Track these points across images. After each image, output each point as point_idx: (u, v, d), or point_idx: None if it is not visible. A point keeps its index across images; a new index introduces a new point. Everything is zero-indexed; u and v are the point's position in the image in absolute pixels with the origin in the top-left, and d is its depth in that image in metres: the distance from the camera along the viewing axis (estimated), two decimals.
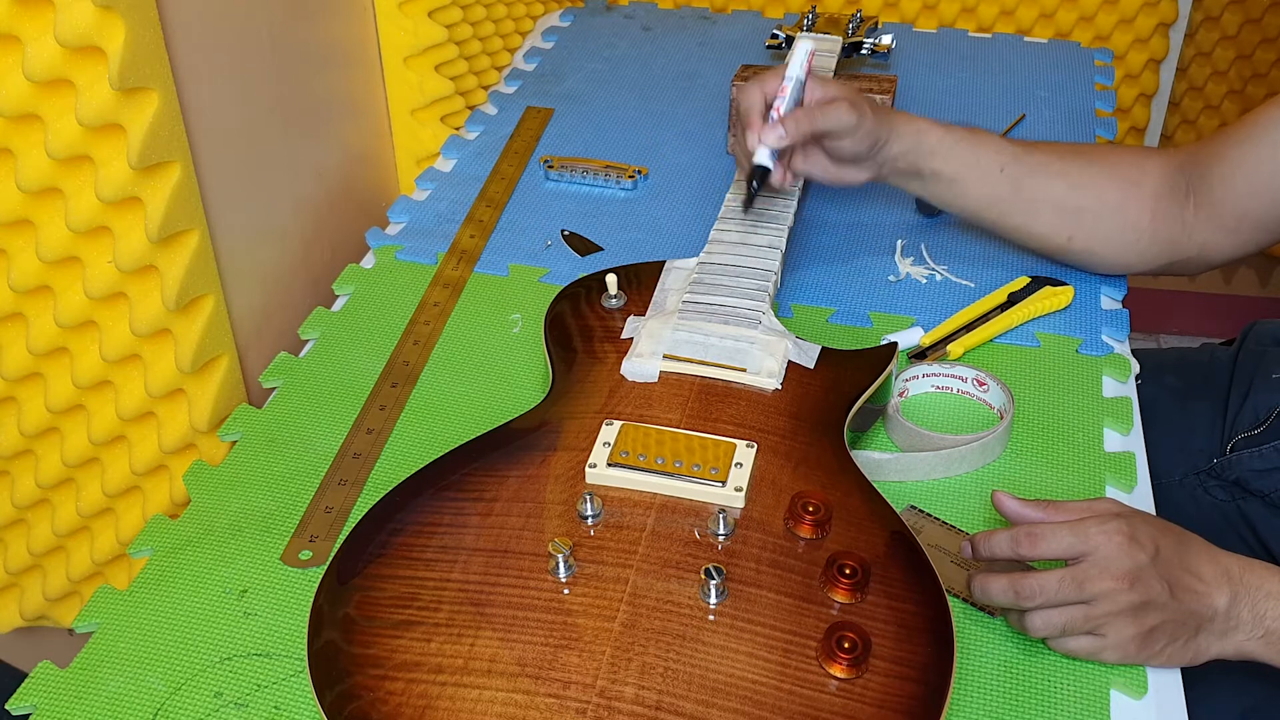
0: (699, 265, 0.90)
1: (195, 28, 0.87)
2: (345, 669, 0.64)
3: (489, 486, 0.74)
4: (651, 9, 1.52)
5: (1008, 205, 0.96)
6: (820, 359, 0.83)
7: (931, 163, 0.94)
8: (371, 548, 0.70)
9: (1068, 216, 0.95)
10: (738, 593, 0.67)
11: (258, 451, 0.86)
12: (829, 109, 0.90)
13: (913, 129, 0.94)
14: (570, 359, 0.85)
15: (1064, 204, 0.95)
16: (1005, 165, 0.94)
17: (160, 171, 0.82)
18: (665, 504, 0.72)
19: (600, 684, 0.62)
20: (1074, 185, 0.94)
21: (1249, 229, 0.91)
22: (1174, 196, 0.93)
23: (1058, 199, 0.95)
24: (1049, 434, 0.86)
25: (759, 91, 0.91)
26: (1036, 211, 0.96)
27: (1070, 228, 0.96)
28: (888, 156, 0.94)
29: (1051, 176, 0.95)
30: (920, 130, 0.94)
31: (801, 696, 0.62)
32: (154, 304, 0.85)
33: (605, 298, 0.90)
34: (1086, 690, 0.69)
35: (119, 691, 0.69)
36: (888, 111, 0.94)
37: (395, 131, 1.24)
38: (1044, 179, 0.95)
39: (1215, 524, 0.98)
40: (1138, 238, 0.95)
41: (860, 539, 0.70)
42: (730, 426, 0.77)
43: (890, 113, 0.94)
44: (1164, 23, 1.56)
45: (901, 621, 0.65)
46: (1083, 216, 0.95)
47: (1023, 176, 0.95)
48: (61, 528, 0.90)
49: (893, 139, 0.93)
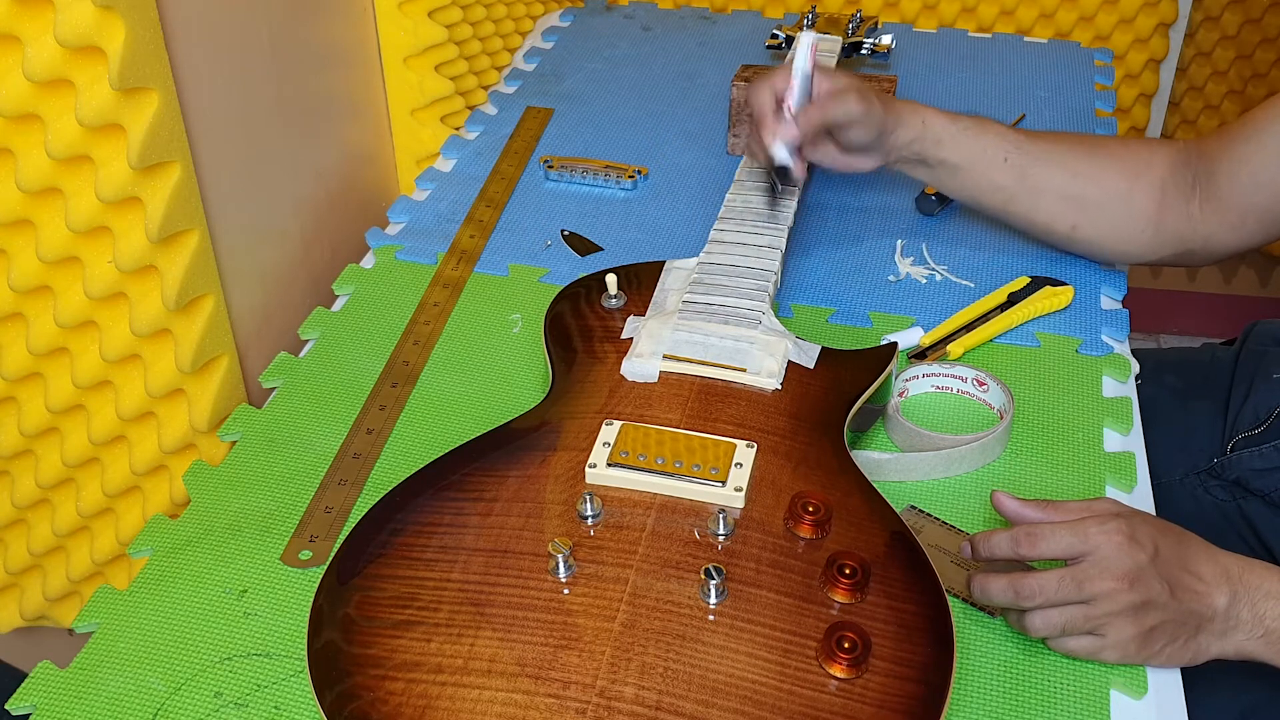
0: (699, 265, 0.90)
1: (195, 28, 0.87)
2: (345, 669, 0.64)
3: (489, 486, 0.74)
4: (651, 9, 1.52)
5: (1011, 193, 0.97)
6: (820, 359, 0.83)
7: (937, 151, 0.96)
8: (371, 548, 0.70)
9: (1071, 205, 0.96)
10: (738, 593, 0.67)
11: (258, 451, 0.86)
12: (838, 100, 0.91)
13: (918, 118, 0.95)
14: (570, 359, 0.85)
15: (1067, 193, 0.96)
16: (1009, 154, 0.95)
17: (160, 171, 0.82)
18: (665, 504, 0.72)
19: (600, 684, 0.62)
20: (1077, 175, 0.95)
21: (1254, 223, 0.91)
22: (1180, 189, 0.94)
23: (1061, 188, 0.96)
24: (1049, 434, 0.86)
25: (769, 89, 0.92)
26: (1040, 200, 0.97)
27: (1074, 216, 0.97)
28: (894, 144, 0.95)
29: (1055, 166, 0.96)
30: (926, 119, 0.95)
31: (801, 696, 0.62)
32: (154, 304, 0.85)
33: (605, 298, 0.90)
34: (1086, 690, 0.69)
35: (119, 691, 0.69)
36: (895, 101, 0.95)
37: (395, 131, 1.24)
38: (1048, 168, 0.96)
39: (1215, 524, 0.98)
40: (1143, 228, 0.95)
41: (860, 539, 0.70)
42: (730, 426, 0.77)
43: (897, 102, 0.95)
44: (1164, 23, 1.56)
45: (901, 621, 0.65)
46: (1086, 206, 0.96)
47: (1027, 165, 0.96)
48: (61, 528, 0.90)
49: (899, 127, 0.94)
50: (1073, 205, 0.96)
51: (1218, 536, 0.73)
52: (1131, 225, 0.96)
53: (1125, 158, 0.96)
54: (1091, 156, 0.96)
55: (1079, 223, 0.97)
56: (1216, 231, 0.93)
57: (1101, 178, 0.95)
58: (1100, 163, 0.95)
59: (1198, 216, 0.93)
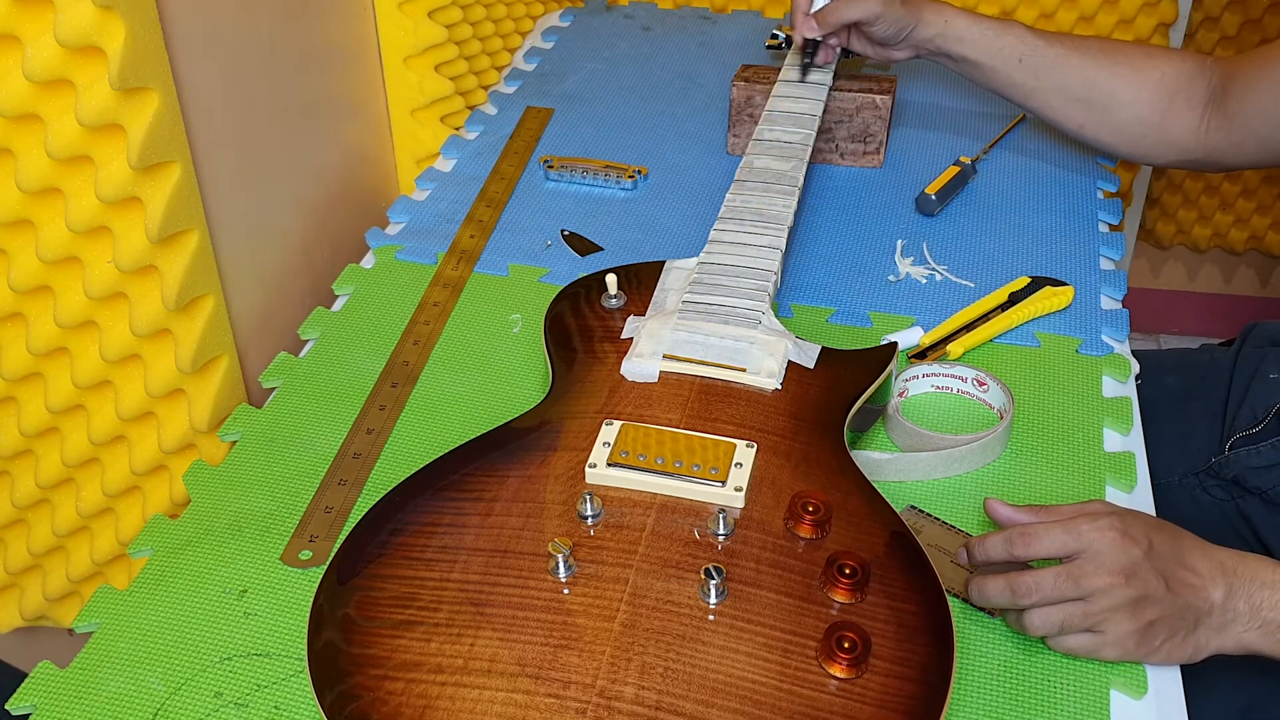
0: (699, 265, 0.90)
1: (195, 28, 0.87)
2: (345, 669, 0.64)
3: (489, 486, 0.74)
4: (651, 9, 1.52)
5: (1027, 91, 1.07)
6: (820, 359, 0.83)
7: (959, 48, 1.07)
8: (371, 548, 0.70)
9: (1078, 107, 1.06)
10: (737, 593, 0.67)
11: (258, 451, 0.86)
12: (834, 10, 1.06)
13: (940, 17, 1.06)
14: (570, 359, 0.85)
15: (1076, 95, 1.06)
16: (1024, 55, 1.05)
17: (160, 171, 0.82)
18: (665, 504, 0.72)
19: (600, 684, 0.62)
20: (1087, 81, 1.05)
21: (1252, 148, 0.99)
22: (1190, 100, 1.01)
23: (1071, 90, 1.06)
24: (1049, 434, 0.86)
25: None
26: (1051, 99, 1.07)
27: (1081, 117, 1.06)
28: (918, 40, 1.07)
29: (1068, 70, 1.05)
30: (949, 19, 1.06)
31: (801, 696, 0.62)
32: (154, 304, 0.85)
33: (605, 298, 0.90)
34: (1086, 690, 0.69)
35: (119, 691, 0.69)
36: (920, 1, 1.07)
37: (395, 131, 1.24)
38: (1060, 72, 1.05)
39: (1214, 523, 0.98)
40: (1144, 133, 1.04)
41: (860, 539, 0.70)
42: (730, 426, 0.77)
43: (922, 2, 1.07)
44: (1164, 23, 1.56)
45: (901, 621, 0.65)
46: (1092, 108, 1.06)
47: (1040, 67, 1.05)
48: (61, 528, 0.90)
49: (920, 25, 1.06)
50: (1080, 107, 1.06)
51: (1217, 536, 0.73)
52: (1135, 130, 1.05)
53: (1139, 66, 1.04)
54: (1105, 64, 1.04)
55: (1086, 123, 1.06)
56: (1219, 146, 1.01)
57: (1110, 85, 1.04)
58: (1112, 69, 1.04)
59: (1203, 130, 1.01)
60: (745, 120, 1.17)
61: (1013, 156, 1.19)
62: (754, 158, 1.00)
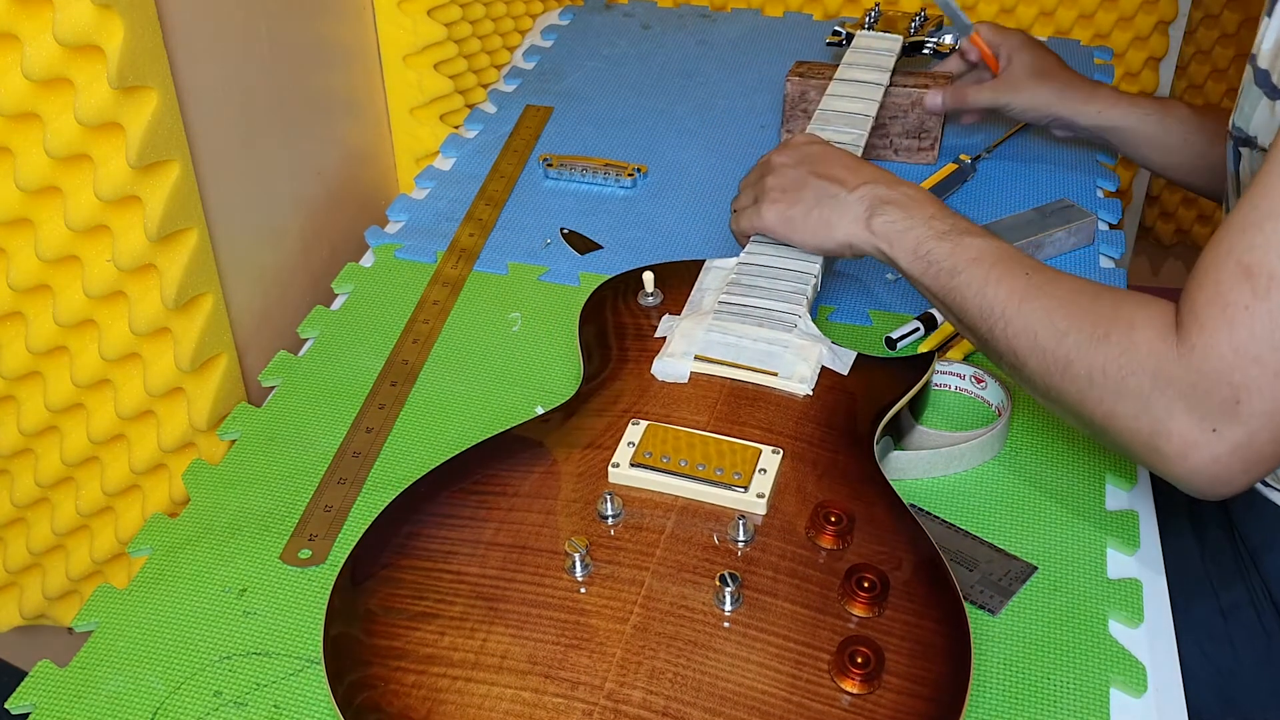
0: (738, 266, 0.89)
1: (194, 26, 0.87)
2: (358, 659, 0.64)
3: (511, 482, 0.73)
4: (651, 7, 1.52)
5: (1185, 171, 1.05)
6: (855, 365, 0.82)
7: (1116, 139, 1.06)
8: (392, 539, 0.70)
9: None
10: (753, 601, 0.66)
11: (257, 450, 0.86)
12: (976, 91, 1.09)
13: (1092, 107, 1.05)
14: (603, 355, 0.84)
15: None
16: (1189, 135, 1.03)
17: (159, 170, 0.82)
18: (686, 507, 0.72)
19: (608, 686, 0.62)
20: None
21: None
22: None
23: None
24: (1048, 431, 0.86)
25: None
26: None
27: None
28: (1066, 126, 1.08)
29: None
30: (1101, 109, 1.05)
31: (811, 710, 0.61)
32: (153, 303, 0.85)
33: (642, 295, 0.89)
34: (1086, 690, 0.69)
35: (118, 690, 0.69)
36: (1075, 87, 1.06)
37: (394, 130, 1.24)
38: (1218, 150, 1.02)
39: (1202, 515, 0.98)
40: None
41: (883, 552, 0.68)
42: (758, 431, 0.76)
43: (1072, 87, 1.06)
44: (1163, 21, 1.56)
45: (919, 638, 0.64)
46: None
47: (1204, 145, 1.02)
48: (61, 526, 0.90)
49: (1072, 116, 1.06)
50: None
51: (1201, 527, 0.73)
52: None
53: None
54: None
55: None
56: None
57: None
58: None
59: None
60: (799, 116, 1.17)
61: (1012, 155, 1.19)
62: None
